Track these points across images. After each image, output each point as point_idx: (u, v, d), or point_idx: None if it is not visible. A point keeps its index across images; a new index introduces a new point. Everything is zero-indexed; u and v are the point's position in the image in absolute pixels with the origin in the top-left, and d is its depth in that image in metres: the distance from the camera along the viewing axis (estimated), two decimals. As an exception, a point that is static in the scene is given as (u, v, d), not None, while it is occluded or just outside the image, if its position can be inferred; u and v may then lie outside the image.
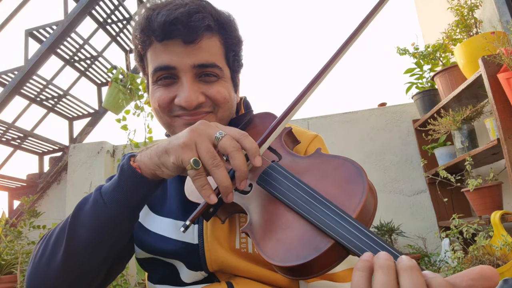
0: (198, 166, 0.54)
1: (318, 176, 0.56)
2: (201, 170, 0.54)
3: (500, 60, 1.63)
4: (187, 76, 0.72)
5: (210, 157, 0.54)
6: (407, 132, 2.81)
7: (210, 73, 0.74)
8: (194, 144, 0.55)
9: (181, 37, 0.70)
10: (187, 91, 0.71)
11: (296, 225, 0.51)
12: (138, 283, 2.56)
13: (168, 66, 0.72)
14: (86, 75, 3.65)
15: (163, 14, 0.69)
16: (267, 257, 0.50)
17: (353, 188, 0.51)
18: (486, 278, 0.34)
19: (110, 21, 3.53)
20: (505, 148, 1.64)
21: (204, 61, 0.72)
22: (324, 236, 0.46)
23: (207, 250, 0.70)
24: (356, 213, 0.47)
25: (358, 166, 0.54)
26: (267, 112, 0.81)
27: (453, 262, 1.81)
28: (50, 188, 3.34)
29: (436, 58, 2.47)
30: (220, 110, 0.76)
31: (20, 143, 3.31)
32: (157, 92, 0.75)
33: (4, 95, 2.83)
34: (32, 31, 3.06)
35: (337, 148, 2.86)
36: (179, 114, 0.74)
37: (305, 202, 0.51)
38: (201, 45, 0.72)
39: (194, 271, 0.72)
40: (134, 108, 2.80)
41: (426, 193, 2.66)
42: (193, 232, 0.73)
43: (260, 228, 0.54)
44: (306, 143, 0.80)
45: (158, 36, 0.70)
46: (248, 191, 0.62)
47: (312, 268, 0.47)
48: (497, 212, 1.73)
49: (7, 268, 2.47)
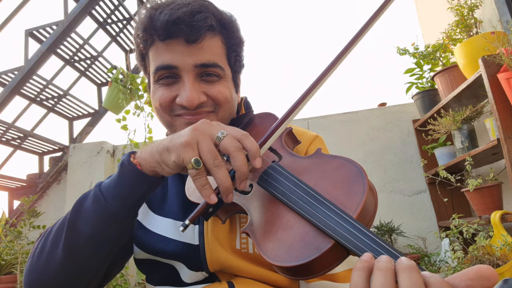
0: (199, 165, 0.54)
1: (319, 176, 0.56)
2: (202, 170, 0.54)
3: (500, 60, 1.63)
4: (189, 76, 0.72)
5: (212, 156, 0.54)
6: (407, 132, 2.81)
7: (211, 73, 0.74)
8: (196, 143, 0.55)
9: (183, 36, 0.70)
10: (189, 91, 0.71)
11: (297, 225, 0.51)
12: (138, 283, 2.55)
13: (170, 65, 0.72)
14: (86, 75, 3.64)
15: (166, 13, 0.69)
16: (267, 257, 0.50)
17: (354, 188, 0.51)
18: (484, 277, 0.34)
19: (110, 21, 3.53)
20: (505, 148, 1.64)
21: (206, 60, 0.72)
22: (325, 237, 0.47)
23: (208, 250, 0.70)
24: (356, 213, 0.47)
25: (359, 166, 0.54)
26: (267, 112, 0.81)
27: (453, 262, 1.81)
28: (50, 188, 3.34)
29: (436, 58, 2.47)
30: (221, 110, 0.76)
31: (20, 143, 3.31)
32: (158, 91, 0.75)
33: (4, 95, 2.83)
34: (32, 31, 3.06)
35: (337, 148, 2.86)
36: (180, 114, 0.74)
37: (306, 203, 0.51)
38: (203, 45, 0.72)
39: (194, 272, 0.72)
40: (134, 108, 2.80)
41: (426, 193, 2.66)
42: (194, 232, 0.73)
43: (261, 228, 0.54)
44: (307, 143, 0.80)
45: (161, 35, 0.71)
46: (248, 191, 0.62)
47: (312, 268, 0.47)
48: (497, 212, 1.73)
49: (7, 268, 2.47)
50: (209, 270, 0.71)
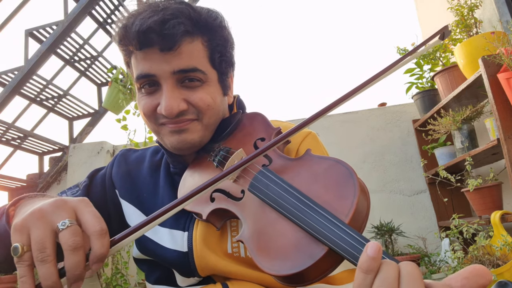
0: (16, 254, 0.46)
1: (309, 180, 0.56)
2: (24, 259, 0.47)
3: (500, 60, 1.63)
4: (168, 83, 0.70)
5: (37, 248, 0.46)
6: (407, 132, 2.81)
7: (193, 78, 0.71)
8: (28, 228, 0.48)
9: (157, 45, 0.68)
10: (167, 99, 0.69)
11: (290, 232, 0.50)
12: (138, 283, 2.55)
13: (148, 74, 0.70)
14: (86, 75, 3.64)
15: (137, 24, 0.67)
16: (262, 266, 0.49)
17: (345, 191, 0.50)
18: (479, 275, 0.35)
19: (110, 21, 3.53)
20: (505, 148, 1.64)
21: (184, 66, 0.69)
22: (318, 243, 0.46)
23: (197, 257, 0.70)
24: (349, 217, 0.47)
25: (348, 167, 0.53)
26: (255, 112, 0.80)
27: (453, 262, 1.81)
28: (50, 188, 3.34)
29: (436, 58, 2.47)
30: (205, 117, 0.73)
31: (20, 143, 3.31)
32: (142, 100, 0.74)
33: (4, 95, 2.83)
34: (32, 31, 3.06)
35: (337, 148, 2.86)
36: (163, 122, 0.73)
37: (297, 209, 0.50)
38: (181, 51, 0.69)
39: (187, 278, 0.73)
40: (134, 108, 2.80)
41: (426, 193, 2.66)
42: (183, 240, 0.72)
43: (254, 236, 0.54)
44: (298, 141, 0.78)
45: (135, 45, 0.69)
46: (240, 197, 0.61)
47: (308, 275, 0.47)
48: (497, 212, 1.73)
49: (7, 268, 2.47)
50: (200, 275, 0.71)
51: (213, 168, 0.72)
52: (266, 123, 0.76)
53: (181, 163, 0.80)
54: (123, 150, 0.93)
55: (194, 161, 0.79)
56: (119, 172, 0.87)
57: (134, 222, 0.80)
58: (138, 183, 0.85)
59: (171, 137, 0.73)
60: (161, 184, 0.82)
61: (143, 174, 0.86)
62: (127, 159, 0.90)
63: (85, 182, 0.87)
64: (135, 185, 0.85)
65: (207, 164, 0.74)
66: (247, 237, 0.55)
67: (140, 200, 0.82)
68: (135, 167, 0.88)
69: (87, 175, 0.90)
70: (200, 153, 0.78)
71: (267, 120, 0.76)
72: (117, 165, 0.89)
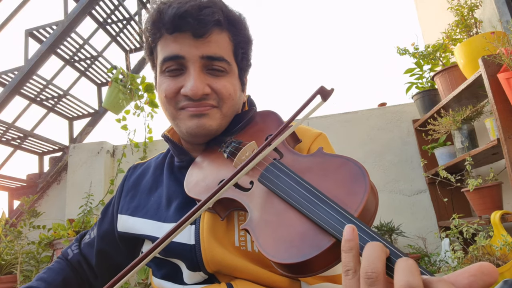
0: None
1: (320, 174, 0.56)
2: None
3: (500, 60, 1.63)
4: (195, 66, 0.73)
5: None
6: (407, 132, 2.81)
7: (217, 67, 0.74)
8: None
9: (190, 30, 0.71)
10: (194, 80, 0.72)
11: (297, 222, 0.50)
12: (138, 283, 2.55)
13: (177, 55, 0.73)
14: (86, 75, 3.65)
15: (174, 7, 0.70)
16: (267, 254, 0.49)
17: (355, 188, 0.51)
18: (486, 273, 0.34)
19: (110, 21, 3.53)
20: (505, 148, 1.64)
21: (212, 53, 0.73)
22: (325, 234, 0.46)
23: (203, 249, 0.70)
24: (357, 212, 0.47)
25: (360, 165, 0.53)
26: (269, 110, 0.81)
27: (453, 262, 1.81)
28: (50, 188, 3.34)
29: (436, 58, 2.47)
30: (225, 105, 0.76)
31: (20, 143, 3.31)
32: (164, 82, 0.76)
33: (4, 95, 2.83)
34: (32, 31, 3.06)
35: (337, 148, 2.84)
36: (184, 106, 0.75)
37: (307, 200, 0.51)
38: (210, 39, 0.73)
39: (193, 272, 0.73)
40: (134, 108, 2.80)
41: (426, 193, 2.66)
42: (190, 232, 0.73)
43: (261, 225, 0.54)
44: (309, 141, 0.79)
45: (169, 28, 0.72)
46: (249, 188, 0.62)
47: (312, 266, 0.47)
48: (497, 212, 1.73)
49: (7, 268, 2.48)
50: (206, 270, 0.71)
51: (222, 159, 0.73)
52: (279, 121, 0.76)
53: (188, 155, 0.82)
54: (130, 168, 0.97)
55: (203, 152, 0.80)
56: (124, 191, 0.90)
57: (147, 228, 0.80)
58: (139, 189, 0.87)
59: (190, 121, 0.75)
60: (164, 181, 0.83)
61: (146, 179, 0.88)
62: (132, 175, 0.93)
63: (99, 217, 0.94)
64: (136, 194, 0.87)
65: (217, 155, 0.75)
66: (253, 225, 0.55)
67: (136, 205, 0.84)
68: (140, 178, 0.91)
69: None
70: (211, 144, 0.79)
71: (280, 118, 0.77)
72: (120, 186, 0.93)
